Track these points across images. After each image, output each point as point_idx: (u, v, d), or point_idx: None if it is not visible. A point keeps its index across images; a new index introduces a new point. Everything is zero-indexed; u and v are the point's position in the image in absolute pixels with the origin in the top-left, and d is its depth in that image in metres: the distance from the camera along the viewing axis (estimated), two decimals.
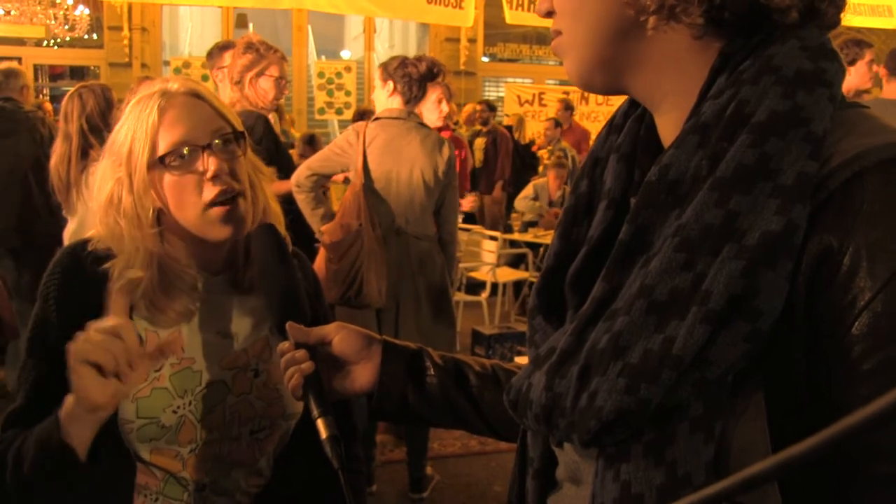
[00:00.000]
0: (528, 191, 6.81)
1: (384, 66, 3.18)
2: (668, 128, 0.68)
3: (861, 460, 0.54)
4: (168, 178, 1.13)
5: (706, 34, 0.63)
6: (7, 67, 4.56)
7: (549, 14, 0.70)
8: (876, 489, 0.54)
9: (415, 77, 3.10)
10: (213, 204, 1.13)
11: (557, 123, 8.64)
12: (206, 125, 1.15)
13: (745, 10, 0.61)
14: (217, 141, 1.14)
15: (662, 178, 0.61)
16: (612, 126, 0.76)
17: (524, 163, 8.66)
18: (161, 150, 1.12)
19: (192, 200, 1.13)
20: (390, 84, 3.13)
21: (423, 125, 3.21)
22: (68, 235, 3.30)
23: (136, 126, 1.13)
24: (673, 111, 0.67)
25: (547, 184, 6.64)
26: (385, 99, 3.16)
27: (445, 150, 3.16)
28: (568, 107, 8.80)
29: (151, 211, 1.14)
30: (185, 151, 1.12)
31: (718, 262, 0.55)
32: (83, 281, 1.15)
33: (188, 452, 1.19)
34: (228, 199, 1.14)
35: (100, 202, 1.17)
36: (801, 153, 0.56)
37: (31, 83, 4.76)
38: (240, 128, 1.20)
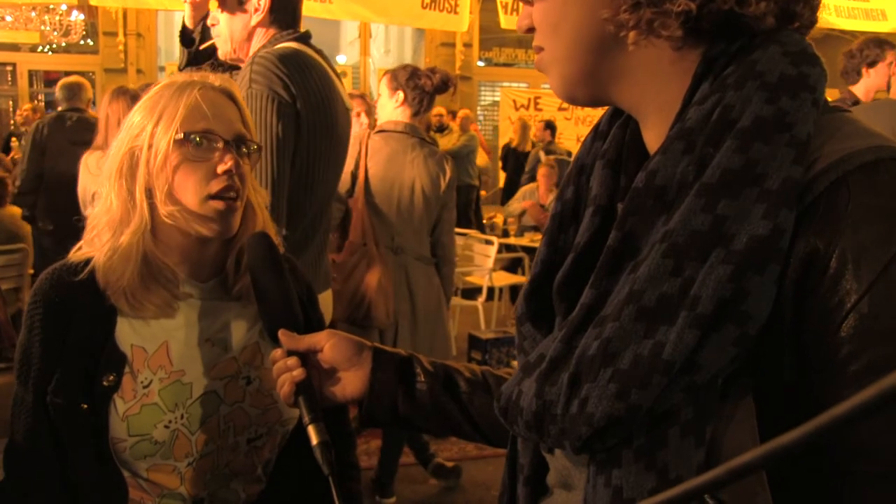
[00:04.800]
0: (518, 197, 6.85)
1: (393, 75, 3.01)
2: (654, 134, 0.68)
3: (847, 460, 0.54)
4: (182, 159, 1.14)
5: (686, 44, 0.63)
6: (76, 80, 4.93)
7: (530, 30, 0.71)
8: (862, 489, 0.54)
9: (427, 90, 2.96)
10: (213, 197, 1.14)
11: (548, 125, 8.68)
12: (233, 125, 1.18)
13: (722, 19, 0.61)
14: (237, 142, 1.17)
15: (649, 185, 0.61)
16: (598, 132, 0.76)
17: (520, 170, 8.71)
18: (191, 128, 1.14)
19: (196, 187, 1.14)
20: (399, 94, 2.97)
21: (426, 141, 3.09)
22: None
23: (170, 103, 1.15)
24: (658, 118, 0.67)
25: (537, 189, 6.66)
26: (392, 109, 3.03)
27: (448, 169, 3.07)
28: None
29: (167, 186, 1.14)
30: (208, 138, 1.14)
31: (707, 268, 0.55)
32: (66, 302, 1.15)
33: (185, 466, 1.17)
34: (230, 197, 1.15)
35: (109, 172, 1.17)
36: (787, 158, 0.56)
37: (91, 95, 5.07)
38: (257, 140, 1.23)
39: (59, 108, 4.99)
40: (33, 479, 1.16)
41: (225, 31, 2.04)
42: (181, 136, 1.13)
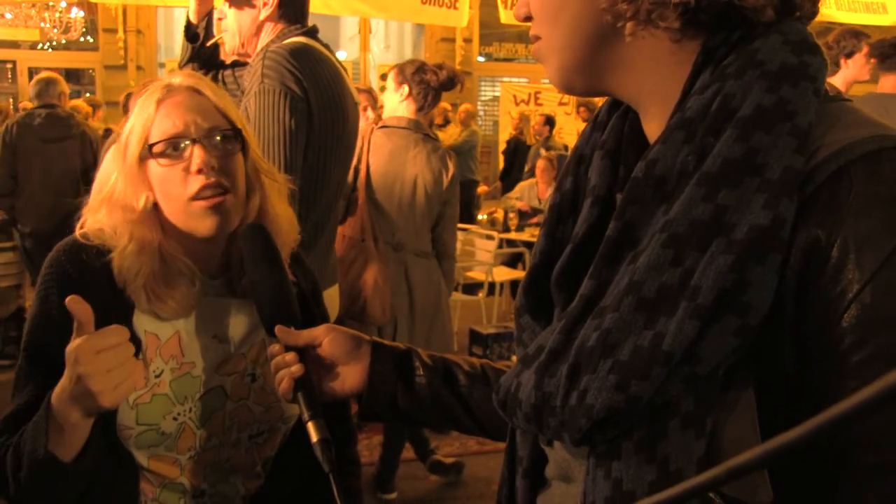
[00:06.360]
0: (515, 193, 6.84)
1: (400, 69, 3.01)
2: (654, 125, 0.68)
3: (848, 451, 0.54)
4: (157, 170, 1.12)
5: (684, 36, 0.63)
6: (47, 76, 4.89)
7: (528, 18, 0.70)
8: (863, 479, 0.54)
9: (433, 85, 2.95)
10: (196, 198, 1.12)
11: (548, 121, 8.65)
12: (203, 120, 1.14)
13: (721, 10, 0.61)
14: (209, 136, 1.13)
15: (649, 174, 0.61)
16: (596, 123, 0.76)
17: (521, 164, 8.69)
18: (151, 141, 1.12)
19: (176, 193, 1.12)
20: (405, 88, 2.97)
21: (429, 137, 3.09)
22: None
23: (136, 117, 1.13)
24: (657, 110, 0.66)
25: (535, 185, 6.65)
26: (397, 103, 3.02)
27: (451, 166, 3.05)
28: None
29: (143, 200, 1.13)
30: (174, 143, 1.12)
31: (707, 258, 0.55)
32: (82, 278, 1.12)
33: (187, 459, 1.17)
34: (214, 194, 1.12)
35: (102, 193, 1.16)
36: (788, 147, 0.56)
37: (66, 90, 5.01)
38: (240, 125, 1.19)
39: (32, 106, 4.94)
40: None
41: (233, 25, 2.04)
42: (147, 150, 1.12)
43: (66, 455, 0.99)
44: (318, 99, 1.90)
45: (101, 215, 1.16)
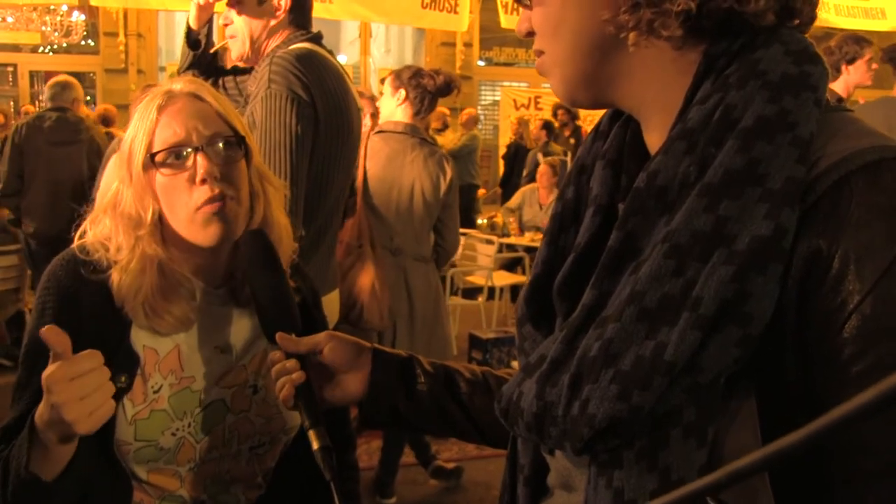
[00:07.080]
0: (517, 198, 6.82)
1: (397, 74, 3.04)
2: (655, 135, 0.68)
3: (847, 456, 0.54)
4: (160, 179, 1.11)
5: (686, 44, 0.63)
6: (63, 80, 4.92)
7: (530, 34, 0.71)
8: (863, 486, 0.54)
9: (430, 90, 2.97)
10: (200, 208, 1.10)
11: (546, 126, 8.66)
12: (204, 127, 1.12)
13: (723, 17, 0.61)
14: (211, 143, 1.11)
15: (650, 185, 0.61)
16: (598, 132, 0.76)
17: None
18: (154, 150, 1.11)
19: (181, 202, 1.11)
20: (402, 93, 2.98)
21: (426, 141, 3.09)
22: None
23: (138, 126, 1.12)
24: (659, 119, 0.67)
25: (536, 190, 6.65)
26: (393, 108, 3.04)
27: (448, 170, 3.05)
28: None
29: (150, 212, 1.11)
30: (176, 152, 1.10)
31: (709, 268, 0.55)
32: (79, 293, 1.12)
33: (187, 471, 1.17)
34: (218, 202, 1.10)
35: (104, 203, 1.15)
36: (789, 157, 0.56)
37: (81, 95, 5.02)
38: (242, 132, 1.17)
39: (33, 110, 4.95)
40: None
41: (243, 31, 2.05)
42: (149, 159, 1.10)
43: (48, 474, 0.98)
44: (324, 105, 1.91)
45: (104, 227, 1.14)
